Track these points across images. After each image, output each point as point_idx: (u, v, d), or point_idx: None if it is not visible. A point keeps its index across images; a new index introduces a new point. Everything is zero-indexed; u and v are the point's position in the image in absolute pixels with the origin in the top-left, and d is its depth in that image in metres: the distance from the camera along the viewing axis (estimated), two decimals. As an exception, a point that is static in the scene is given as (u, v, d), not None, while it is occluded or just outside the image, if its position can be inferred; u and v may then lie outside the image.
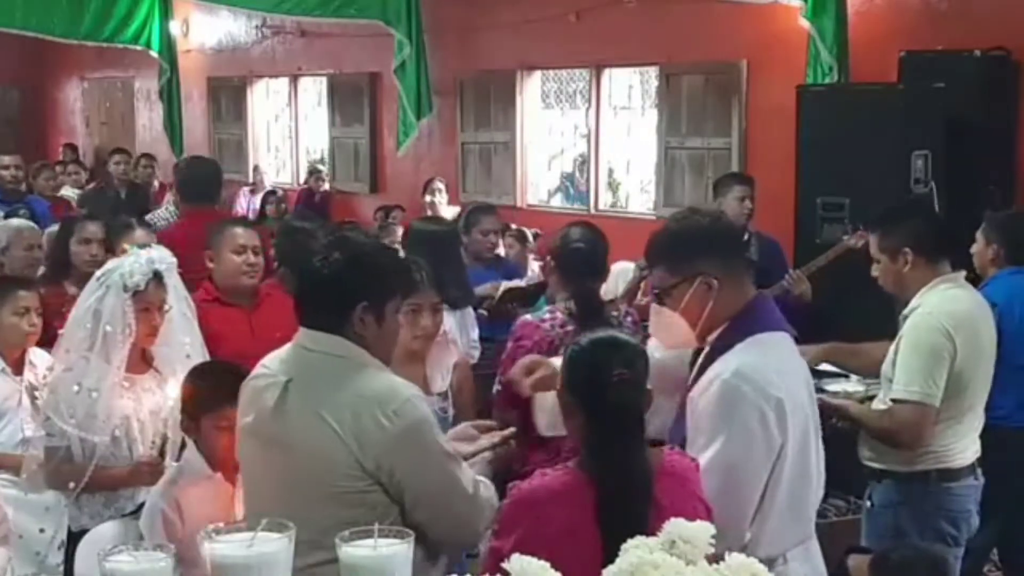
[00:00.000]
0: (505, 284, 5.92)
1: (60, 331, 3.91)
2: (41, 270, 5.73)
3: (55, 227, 6.17)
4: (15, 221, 6.26)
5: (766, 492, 2.79)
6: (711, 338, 2.93)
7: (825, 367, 4.30)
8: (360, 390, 2.78)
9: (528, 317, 4.23)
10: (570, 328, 4.04)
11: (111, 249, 4.98)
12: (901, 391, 3.82)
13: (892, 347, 3.93)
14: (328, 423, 2.73)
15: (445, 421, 3.67)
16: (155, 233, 5.85)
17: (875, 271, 4.07)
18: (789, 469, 2.82)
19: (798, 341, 3.06)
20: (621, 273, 6.11)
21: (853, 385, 4.25)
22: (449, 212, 9.44)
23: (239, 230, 4.80)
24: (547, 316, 4.16)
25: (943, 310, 3.87)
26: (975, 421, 4.00)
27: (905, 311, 3.95)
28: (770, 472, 2.78)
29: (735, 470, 2.75)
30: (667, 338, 3.01)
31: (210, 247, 4.78)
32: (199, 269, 4.74)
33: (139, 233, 5.41)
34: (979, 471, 3.99)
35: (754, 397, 2.75)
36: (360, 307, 2.82)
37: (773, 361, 2.86)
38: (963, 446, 3.94)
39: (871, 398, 4.09)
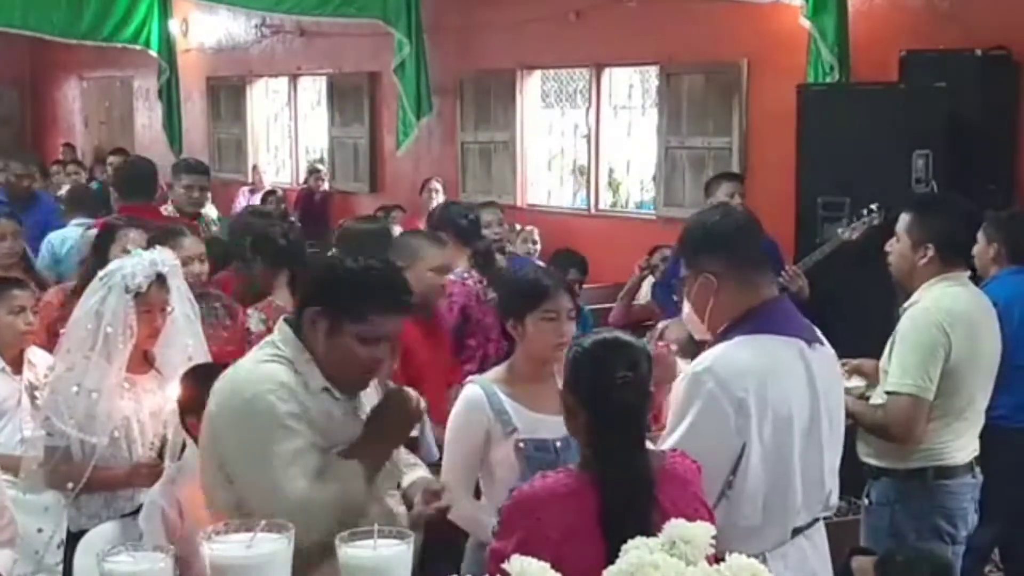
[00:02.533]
0: None
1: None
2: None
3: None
4: None
5: (733, 487, 2.84)
6: (717, 333, 3.01)
7: None
8: (228, 374, 2.83)
9: (451, 277, 4.98)
10: (484, 282, 5.21)
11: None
12: (894, 384, 3.84)
13: (889, 341, 3.93)
14: (210, 404, 2.82)
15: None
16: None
17: (889, 247, 4.06)
18: (760, 470, 2.85)
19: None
20: None
21: (853, 381, 4.23)
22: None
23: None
24: (465, 276, 5.18)
25: (941, 306, 3.87)
26: (974, 420, 3.99)
27: (905, 304, 3.96)
28: (733, 468, 2.83)
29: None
30: (693, 327, 3.12)
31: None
32: None
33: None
34: (977, 469, 3.99)
35: (716, 393, 2.82)
36: (314, 309, 2.81)
37: (756, 363, 2.87)
38: (960, 444, 3.94)
39: (869, 398, 4.08)
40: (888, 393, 3.85)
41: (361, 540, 2.26)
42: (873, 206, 5.75)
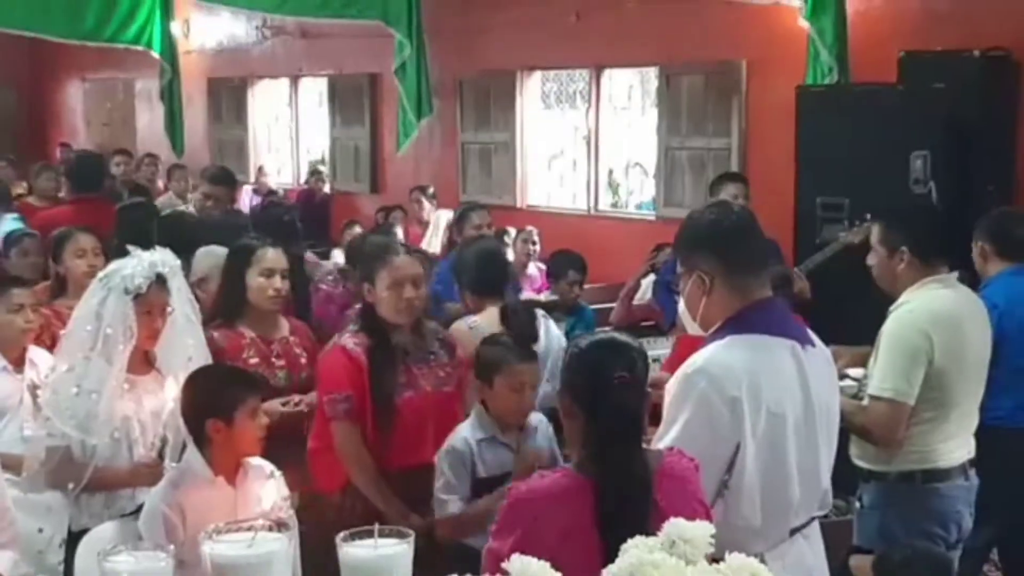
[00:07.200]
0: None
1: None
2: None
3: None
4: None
5: (729, 487, 2.83)
6: (709, 333, 3.00)
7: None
8: None
9: None
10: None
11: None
12: (876, 388, 3.85)
13: (875, 343, 3.95)
14: None
15: None
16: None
17: (871, 260, 4.10)
18: (755, 469, 2.84)
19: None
20: None
21: (845, 380, 4.24)
22: (438, 216, 9.35)
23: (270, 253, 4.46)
24: None
25: (924, 308, 3.88)
26: (965, 422, 3.99)
27: (892, 307, 3.97)
28: (728, 466, 2.83)
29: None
30: (686, 323, 3.12)
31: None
32: None
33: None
34: (971, 472, 3.97)
35: (709, 393, 2.82)
36: None
37: (748, 362, 2.86)
38: (950, 447, 3.93)
39: (862, 398, 4.09)
40: (870, 397, 3.87)
41: (361, 540, 2.27)
42: None
